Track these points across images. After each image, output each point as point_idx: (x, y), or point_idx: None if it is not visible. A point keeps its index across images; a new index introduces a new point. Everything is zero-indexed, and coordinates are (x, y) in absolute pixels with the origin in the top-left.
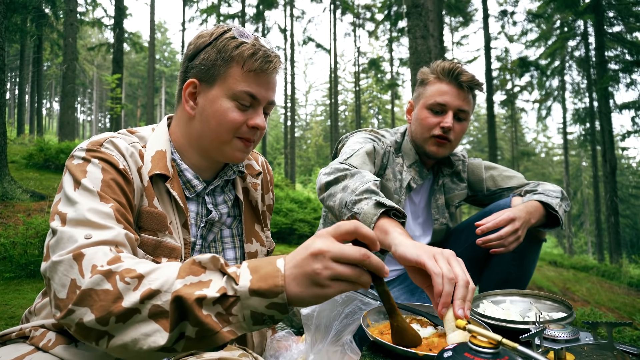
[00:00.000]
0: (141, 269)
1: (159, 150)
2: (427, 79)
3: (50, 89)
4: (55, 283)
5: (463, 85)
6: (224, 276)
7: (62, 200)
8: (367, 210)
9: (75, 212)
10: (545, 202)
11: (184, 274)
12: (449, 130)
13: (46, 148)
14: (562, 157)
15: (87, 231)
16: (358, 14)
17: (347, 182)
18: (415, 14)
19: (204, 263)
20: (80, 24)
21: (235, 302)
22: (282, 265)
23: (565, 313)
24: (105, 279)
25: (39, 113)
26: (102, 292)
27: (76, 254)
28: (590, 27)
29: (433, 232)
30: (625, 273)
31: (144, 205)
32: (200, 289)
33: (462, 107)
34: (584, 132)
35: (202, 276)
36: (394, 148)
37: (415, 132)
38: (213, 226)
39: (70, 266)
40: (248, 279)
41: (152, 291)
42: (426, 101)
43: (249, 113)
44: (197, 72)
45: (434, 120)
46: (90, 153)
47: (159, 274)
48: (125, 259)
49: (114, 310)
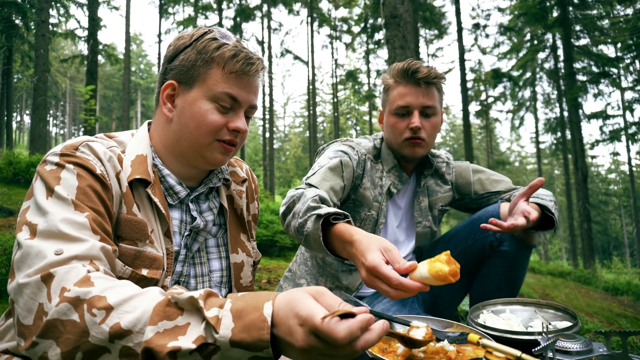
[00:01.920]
0: (112, 298)
1: (139, 154)
2: (388, 85)
3: (20, 102)
4: (20, 307)
5: (421, 82)
6: (203, 322)
7: (32, 209)
8: (311, 229)
9: (47, 222)
10: (541, 204)
11: (157, 319)
12: (419, 130)
13: (15, 162)
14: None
15: (58, 245)
16: (335, 27)
17: (295, 207)
18: (393, 25)
19: (180, 304)
20: (53, 35)
21: (214, 351)
22: (269, 313)
23: (569, 322)
24: (73, 308)
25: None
26: (68, 323)
27: (45, 274)
28: (559, 40)
29: (417, 235)
30: (599, 278)
31: (122, 212)
32: (174, 337)
33: (425, 104)
34: (555, 141)
35: (178, 319)
36: (373, 155)
37: (389, 139)
38: (198, 235)
39: (38, 289)
40: (229, 327)
41: (121, 330)
42: (390, 107)
43: (230, 116)
44: (176, 73)
45: (402, 124)
46: (65, 158)
47: (131, 306)
48: (96, 280)
49: (81, 346)
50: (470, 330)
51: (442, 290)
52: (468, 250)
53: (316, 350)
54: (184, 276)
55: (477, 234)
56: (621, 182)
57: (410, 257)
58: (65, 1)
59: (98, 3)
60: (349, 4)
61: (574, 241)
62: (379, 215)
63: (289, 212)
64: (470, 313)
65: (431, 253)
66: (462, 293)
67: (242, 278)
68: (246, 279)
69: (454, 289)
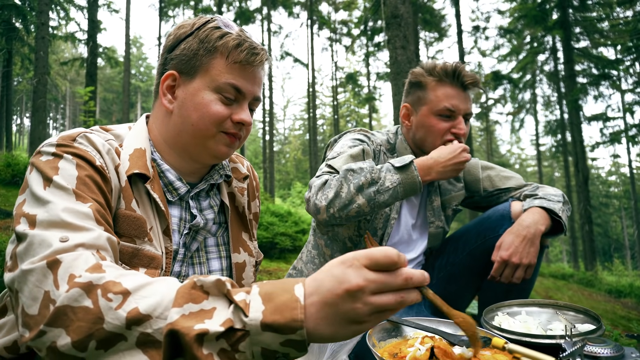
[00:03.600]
0: (128, 283)
1: (137, 148)
2: (425, 82)
3: (20, 104)
4: (25, 296)
5: (468, 86)
6: (231, 305)
7: (29, 201)
8: (400, 178)
9: (47, 212)
10: (547, 207)
11: (182, 301)
12: (463, 136)
13: (14, 163)
14: (536, 167)
15: (62, 233)
16: (335, 29)
17: (342, 188)
18: (394, 25)
19: (206, 287)
20: (53, 38)
21: (243, 337)
22: (301, 293)
23: (593, 325)
24: (85, 294)
25: (8, 129)
26: (80, 309)
27: (51, 260)
28: (559, 42)
29: (429, 236)
30: (601, 280)
31: (120, 208)
32: (201, 320)
33: (469, 110)
34: (555, 143)
35: (203, 303)
36: (386, 148)
37: (422, 138)
38: (197, 234)
39: (43, 275)
40: (260, 310)
41: (140, 315)
42: (433, 107)
43: (234, 107)
44: (177, 63)
45: (445, 126)
46: (62, 148)
47: (150, 291)
48: (108, 268)
49: (95, 334)
50: (486, 334)
51: (450, 292)
52: (477, 250)
53: (368, 289)
54: (182, 277)
55: (486, 234)
56: (622, 184)
57: (421, 258)
58: (65, 4)
59: (98, 6)
60: (349, 7)
61: (575, 243)
62: (392, 210)
63: (335, 196)
64: (485, 315)
65: (439, 254)
66: (471, 295)
67: (244, 279)
68: (248, 279)
69: (463, 290)
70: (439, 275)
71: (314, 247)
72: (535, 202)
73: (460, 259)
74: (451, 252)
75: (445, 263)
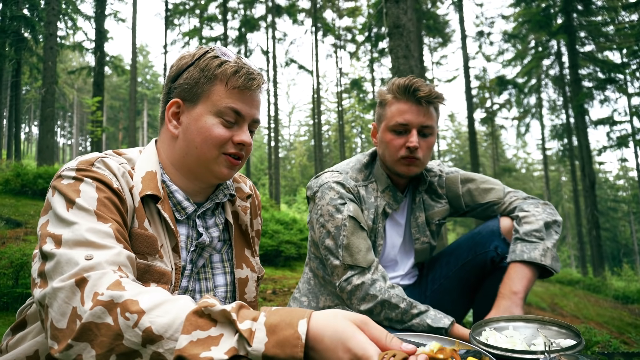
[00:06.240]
0: (144, 303)
1: (149, 171)
2: (385, 100)
3: (29, 113)
4: (54, 311)
5: (421, 101)
6: (236, 334)
7: (52, 222)
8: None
9: (72, 232)
10: (527, 260)
11: (191, 328)
12: (416, 149)
13: (23, 173)
14: (542, 172)
15: (87, 251)
16: (339, 36)
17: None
18: (396, 35)
19: (214, 315)
20: (61, 47)
21: None
22: (303, 330)
23: (573, 340)
24: (107, 312)
25: (17, 137)
26: (103, 326)
27: (79, 279)
28: (564, 46)
29: (415, 252)
30: (609, 286)
31: (134, 227)
32: (207, 348)
33: (424, 124)
34: (562, 147)
35: (211, 330)
36: (362, 178)
37: (383, 155)
38: (203, 250)
39: (72, 293)
40: (263, 342)
41: (153, 334)
42: (387, 123)
43: (234, 130)
44: (180, 91)
45: (399, 142)
46: (82, 172)
47: (163, 310)
48: (127, 285)
49: (115, 349)
50: (474, 349)
51: (444, 307)
52: (469, 265)
53: None
54: (190, 291)
55: (477, 249)
56: (630, 188)
57: (412, 273)
58: (72, 14)
59: (105, 15)
60: (353, 14)
61: (582, 248)
62: (377, 237)
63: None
64: (473, 331)
65: (432, 267)
66: (464, 309)
67: (247, 293)
68: (250, 294)
69: (456, 304)
70: (433, 288)
71: (310, 270)
72: (513, 256)
73: (453, 272)
74: (444, 265)
75: (439, 276)
